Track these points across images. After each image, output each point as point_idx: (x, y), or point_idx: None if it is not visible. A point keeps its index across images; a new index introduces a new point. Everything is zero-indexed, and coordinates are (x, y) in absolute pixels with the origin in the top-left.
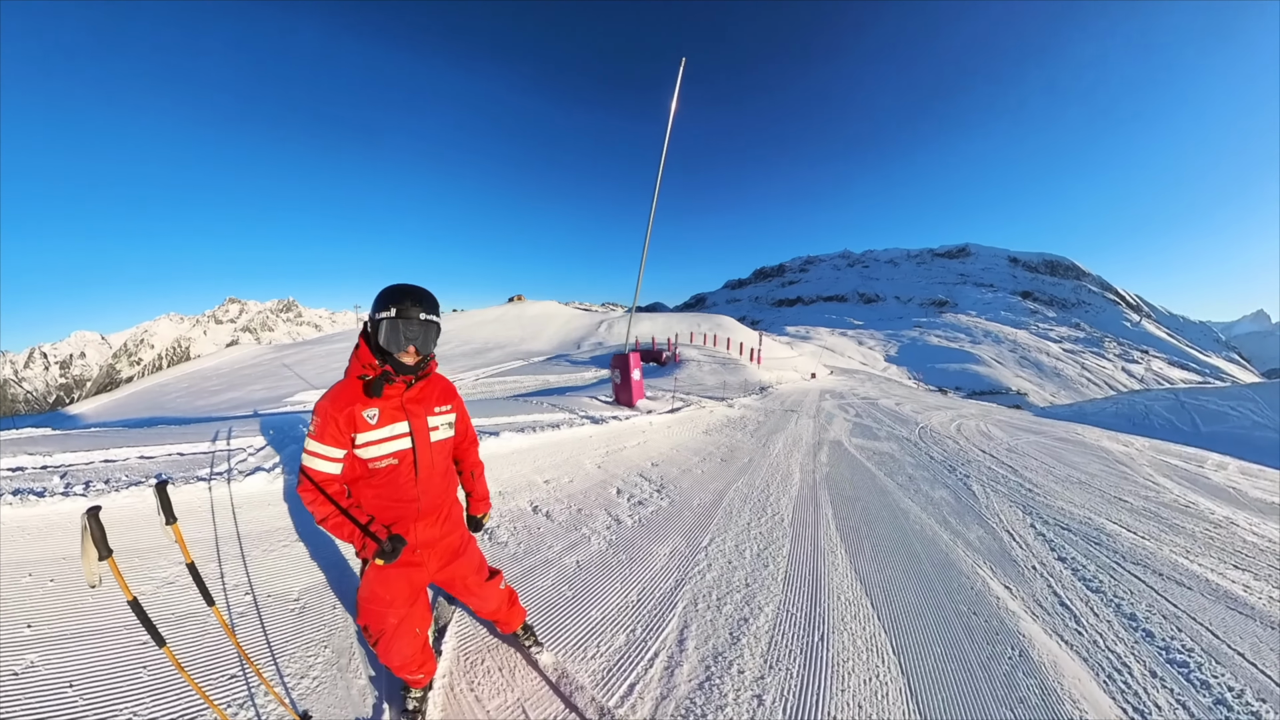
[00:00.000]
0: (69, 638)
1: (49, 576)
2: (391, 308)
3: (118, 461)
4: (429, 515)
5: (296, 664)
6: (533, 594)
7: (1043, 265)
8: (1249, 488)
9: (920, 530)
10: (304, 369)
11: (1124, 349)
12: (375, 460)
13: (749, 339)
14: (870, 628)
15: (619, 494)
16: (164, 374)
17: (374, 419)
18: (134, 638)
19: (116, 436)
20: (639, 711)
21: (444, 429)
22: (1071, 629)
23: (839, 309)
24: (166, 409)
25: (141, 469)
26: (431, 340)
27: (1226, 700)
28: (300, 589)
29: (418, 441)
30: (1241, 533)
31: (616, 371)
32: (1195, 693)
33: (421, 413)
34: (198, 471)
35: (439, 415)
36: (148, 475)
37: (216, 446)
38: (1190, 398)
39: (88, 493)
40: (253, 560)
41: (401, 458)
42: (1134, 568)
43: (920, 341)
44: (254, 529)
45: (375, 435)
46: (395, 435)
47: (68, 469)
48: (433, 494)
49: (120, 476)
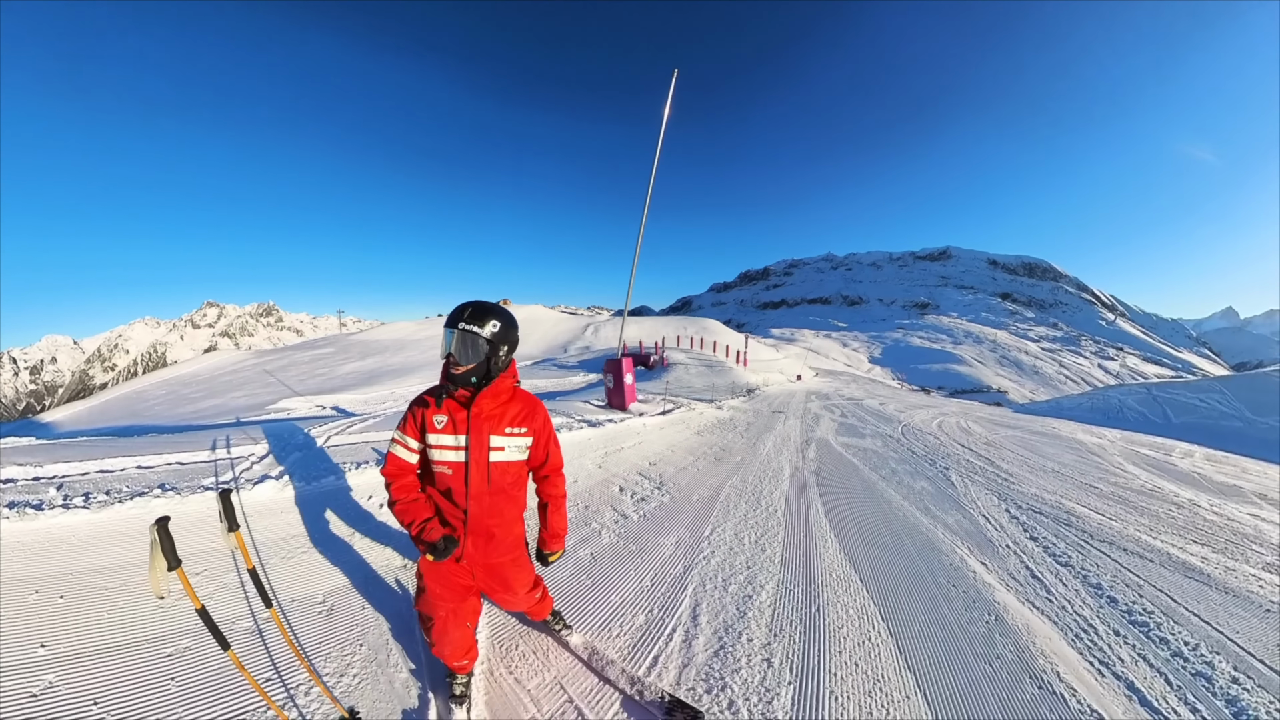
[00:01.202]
0: (88, 655)
1: (57, 593)
2: (449, 324)
3: (115, 472)
4: (475, 535)
5: (334, 663)
6: (555, 585)
7: (1021, 267)
8: (1213, 473)
9: (903, 516)
10: (286, 375)
11: (1100, 347)
12: (436, 464)
13: (735, 342)
14: (860, 599)
15: (622, 491)
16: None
17: (441, 424)
18: (157, 650)
19: (109, 446)
20: (665, 679)
21: (512, 451)
22: (1042, 597)
23: (823, 311)
24: (146, 417)
25: (142, 479)
26: (473, 352)
27: (1183, 653)
28: (324, 592)
29: (472, 457)
30: (1203, 512)
31: (609, 376)
32: (1155, 648)
33: (486, 429)
34: (202, 481)
35: (509, 436)
36: (149, 486)
37: (217, 455)
38: (1162, 391)
39: (89, 504)
40: (272, 567)
41: (455, 469)
42: (1101, 545)
43: (903, 343)
44: (269, 537)
45: (437, 440)
46: (453, 446)
47: (63, 480)
48: (481, 513)
49: (121, 487)
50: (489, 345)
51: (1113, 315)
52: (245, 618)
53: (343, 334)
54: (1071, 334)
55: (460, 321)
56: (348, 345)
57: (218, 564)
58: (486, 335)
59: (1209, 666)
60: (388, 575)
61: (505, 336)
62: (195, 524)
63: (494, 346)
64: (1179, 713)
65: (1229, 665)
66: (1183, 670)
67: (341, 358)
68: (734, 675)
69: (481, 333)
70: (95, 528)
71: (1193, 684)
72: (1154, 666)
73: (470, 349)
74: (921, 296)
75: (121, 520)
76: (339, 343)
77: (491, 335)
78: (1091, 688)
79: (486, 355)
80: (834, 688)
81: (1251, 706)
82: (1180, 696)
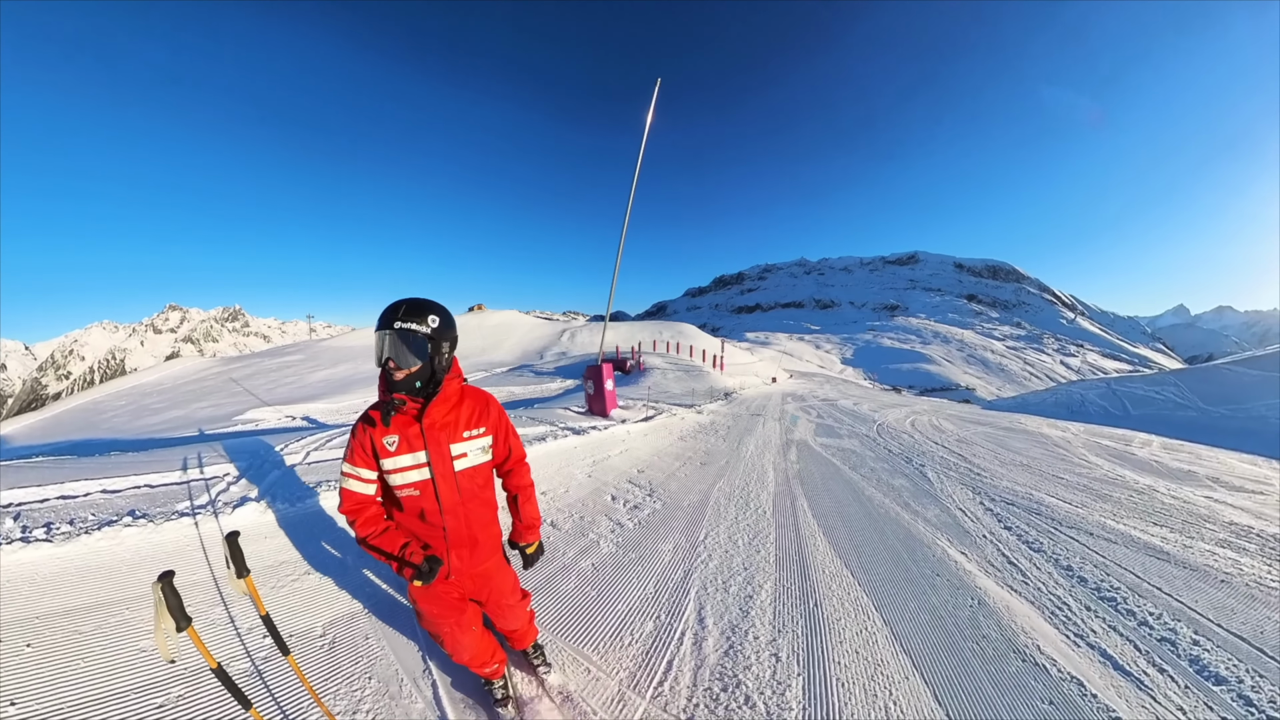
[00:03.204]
0: (66, 712)
1: (23, 641)
2: (379, 325)
3: (78, 498)
4: (459, 547)
5: (344, 701)
6: (560, 597)
7: (986, 270)
8: (1169, 460)
9: (885, 513)
10: (254, 384)
11: (1061, 344)
12: (398, 489)
13: (711, 346)
14: (854, 593)
15: (614, 500)
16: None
17: (394, 446)
18: (146, 701)
19: (71, 468)
20: (682, 681)
21: (475, 454)
22: (1019, 580)
23: (797, 315)
24: (105, 430)
25: (109, 505)
26: (415, 352)
27: (1149, 623)
28: (324, 624)
29: (437, 472)
30: (1161, 497)
31: (590, 382)
32: (1123, 619)
33: (444, 439)
34: (176, 505)
35: (468, 440)
36: (118, 513)
37: (189, 476)
38: (1121, 385)
39: (51, 537)
40: (264, 598)
41: (422, 488)
42: (1069, 530)
43: (874, 344)
44: (257, 564)
45: (394, 464)
46: (413, 465)
47: (20, 508)
48: (460, 525)
49: (87, 515)
50: (431, 343)
51: (1073, 314)
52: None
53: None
54: (1034, 332)
55: (396, 321)
56: (318, 352)
57: (199, 598)
58: (428, 331)
59: (1173, 633)
60: (387, 601)
61: (446, 332)
62: (172, 555)
63: (436, 344)
64: (1149, 674)
65: (1190, 631)
66: (1149, 637)
67: (312, 365)
68: (746, 672)
69: (422, 329)
70: (61, 563)
71: (1159, 648)
72: (1124, 636)
73: (412, 349)
74: (891, 299)
75: (90, 554)
76: (309, 349)
77: (433, 330)
78: (1070, 658)
79: (430, 355)
80: (839, 675)
81: (1212, 664)
82: (1149, 660)
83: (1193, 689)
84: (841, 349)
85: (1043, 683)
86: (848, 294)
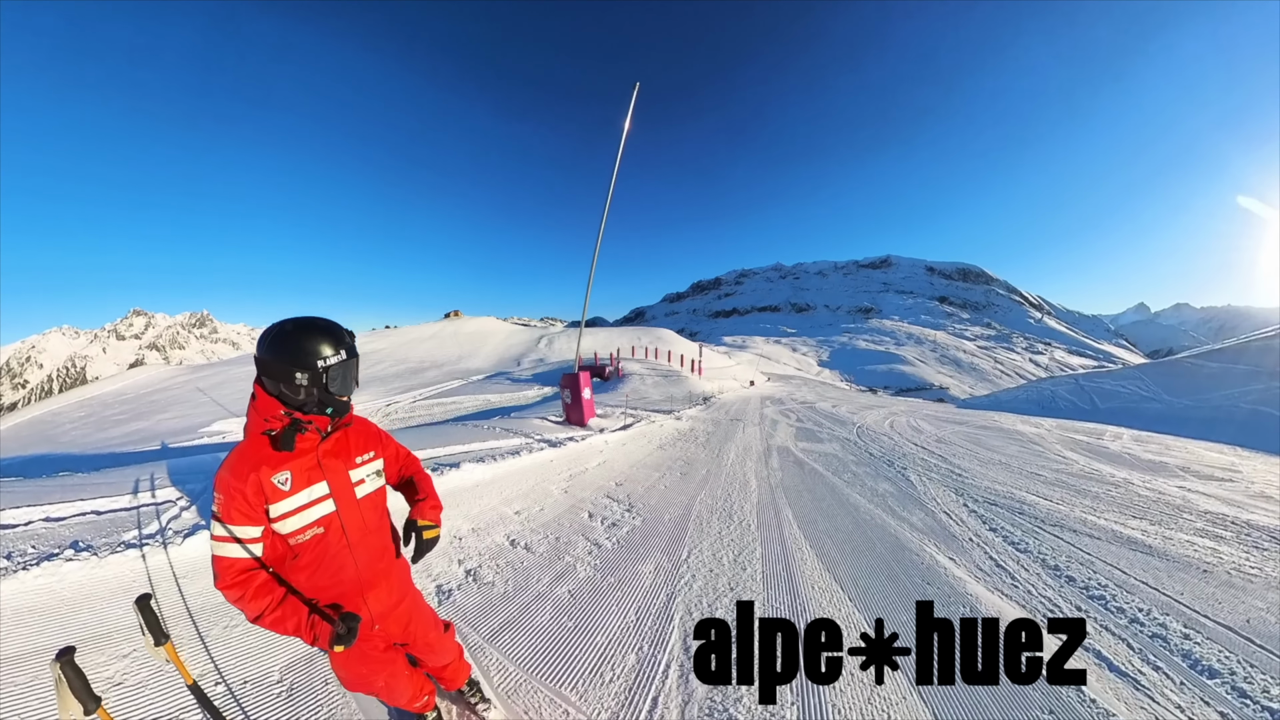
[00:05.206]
0: None
1: None
2: (339, 349)
3: (18, 527)
4: (376, 585)
5: None
6: (534, 631)
7: (956, 273)
8: (1141, 452)
9: (871, 520)
10: (221, 393)
11: (1030, 343)
12: (297, 534)
13: (689, 350)
14: (845, 608)
15: (591, 518)
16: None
17: (287, 484)
18: None
19: (10, 492)
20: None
21: (372, 479)
22: (1009, 584)
23: (773, 319)
24: (62, 444)
25: (51, 536)
26: (357, 377)
27: (1139, 619)
28: (280, 667)
29: (341, 504)
30: (1137, 489)
31: (567, 391)
32: (1114, 617)
33: (341, 467)
34: (123, 535)
35: (363, 466)
36: (60, 544)
37: (140, 500)
38: (1089, 381)
39: None
40: (214, 640)
41: (328, 524)
42: (1052, 528)
43: (850, 346)
44: (206, 602)
45: (291, 504)
46: (315, 500)
47: None
48: (371, 558)
49: (26, 548)
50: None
51: (1040, 314)
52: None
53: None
54: (1004, 332)
55: (351, 343)
56: None
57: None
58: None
59: (1163, 628)
60: None
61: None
62: (116, 593)
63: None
64: (1144, 673)
65: (1180, 624)
66: (1140, 634)
67: None
68: (737, 705)
69: (358, 351)
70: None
71: (1151, 645)
72: (1116, 634)
73: (357, 373)
74: (865, 302)
75: (28, 593)
76: None
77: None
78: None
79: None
80: (835, 700)
81: (1205, 658)
82: (1143, 658)
83: (1188, 685)
84: (818, 351)
85: (1040, 690)
86: (823, 297)
